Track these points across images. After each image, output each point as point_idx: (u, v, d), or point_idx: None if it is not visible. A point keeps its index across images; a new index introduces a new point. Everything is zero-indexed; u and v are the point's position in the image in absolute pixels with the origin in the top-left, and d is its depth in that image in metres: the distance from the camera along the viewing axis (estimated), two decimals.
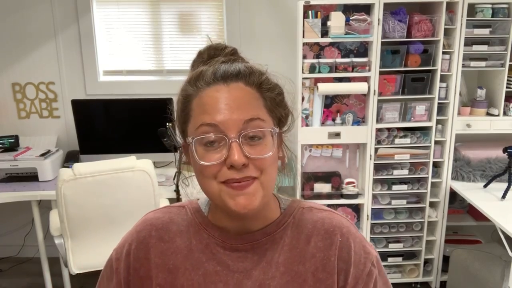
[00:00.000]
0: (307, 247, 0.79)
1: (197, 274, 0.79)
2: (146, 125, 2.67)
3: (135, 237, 0.84)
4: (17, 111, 2.92)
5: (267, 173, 0.73)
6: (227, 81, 0.73)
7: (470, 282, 2.40)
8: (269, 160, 0.73)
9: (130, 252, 0.83)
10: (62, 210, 2.01)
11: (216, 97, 0.72)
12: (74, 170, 1.97)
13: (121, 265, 0.83)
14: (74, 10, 2.78)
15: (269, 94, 0.75)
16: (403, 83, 2.46)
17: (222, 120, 0.70)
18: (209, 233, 0.81)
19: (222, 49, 0.79)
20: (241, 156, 0.69)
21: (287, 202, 0.84)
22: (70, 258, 2.10)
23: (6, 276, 2.98)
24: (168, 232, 0.83)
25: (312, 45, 2.46)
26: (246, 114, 0.71)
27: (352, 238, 0.80)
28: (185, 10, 2.85)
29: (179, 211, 0.86)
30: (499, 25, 2.41)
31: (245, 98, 0.73)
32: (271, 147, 0.72)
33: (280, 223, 0.81)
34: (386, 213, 2.65)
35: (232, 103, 0.71)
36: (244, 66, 0.75)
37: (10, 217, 3.08)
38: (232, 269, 0.78)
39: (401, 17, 2.37)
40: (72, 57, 2.85)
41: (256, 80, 0.74)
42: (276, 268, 0.78)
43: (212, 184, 0.73)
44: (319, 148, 2.60)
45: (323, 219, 0.81)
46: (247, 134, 0.71)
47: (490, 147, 2.61)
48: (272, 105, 0.76)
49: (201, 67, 0.77)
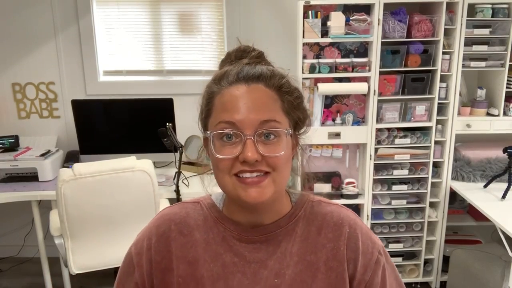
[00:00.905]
0: (318, 238, 0.84)
1: (216, 266, 0.84)
2: (146, 125, 2.68)
3: (155, 232, 0.88)
4: (17, 111, 2.92)
5: (279, 171, 0.77)
6: (248, 81, 0.78)
7: (470, 282, 2.40)
8: (282, 159, 0.77)
9: (151, 246, 0.86)
10: (62, 210, 2.01)
11: (236, 96, 0.77)
12: (74, 170, 1.97)
13: (142, 259, 0.87)
14: (74, 10, 2.78)
15: (288, 97, 0.80)
16: (403, 83, 2.46)
17: (240, 119, 0.75)
18: (225, 226, 0.85)
19: (249, 51, 0.84)
20: (254, 153, 0.74)
21: (296, 196, 0.89)
22: (70, 258, 2.10)
23: (6, 276, 2.98)
24: (187, 226, 0.87)
25: (312, 45, 2.46)
26: (263, 114, 0.75)
27: (358, 229, 0.85)
28: (185, 10, 2.85)
29: (194, 206, 0.90)
30: (499, 25, 2.41)
31: (264, 99, 0.77)
32: (284, 147, 0.77)
33: (292, 216, 0.86)
34: (386, 213, 2.65)
35: (250, 103, 0.76)
36: (266, 68, 0.80)
37: (10, 217, 3.08)
38: (248, 260, 0.83)
39: (401, 17, 2.37)
40: (72, 57, 2.85)
41: (276, 83, 0.79)
42: (290, 258, 0.83)
43: (226, 178, 0.78)
44: (319, 148, 2.60)
45: (331, 212, 0.87)
46: (262, 132, 0.75)
47: (490, 147, 2.61)
48: (290, 107, 0.80)
49: (226, 67, 0.82)
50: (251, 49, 0.85)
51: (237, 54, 0.84)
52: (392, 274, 0.87)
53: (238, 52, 0.85)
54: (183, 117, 2.82)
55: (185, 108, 2.87)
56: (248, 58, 0.83)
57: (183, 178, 2.50)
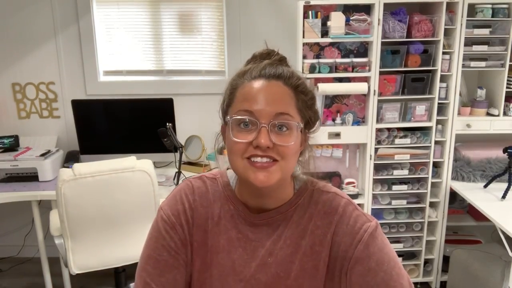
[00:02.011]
0: (309, 224, 0.93)
1: (223, 238, 0.94)
2: (146, 125, 2.68)
3: (186, 199, 0.97)
4: (17, 111, 2.92)
5: (287, 160, 0.86)
6: (269, 78, 0.87)
7: (470, 282, 2.40)
8: (291, 149, 0.86)
9: (185, 209, 0.96)
10: (62, 210, 2.01)
11: (257, 88, 0.85)
12: (74, 170, 1.97)
13: (181, 218, 0.95)
14: (74, 10, 2.78)
15: (303, 97, 0.88)
16: (403, 83, 2.46)
17: (258, 109, 0.83)
18: (235, 205, 0.96)
19: (273, 55, 0.92)
20: (267, 140, 0.83)
21: (300, 183, 0.97)
22: (70, 258, 2.10)
23: (6, 276, 2.98)
24: (206, 200, 0.97)
25: (312, 45, 2.46)
26: (279, 108, 0.84)
27: (347, 214, 0.91)
28: (185, 10, 2.85)
29: (212, 182, 0.99)
30: (499, 25, 2.41)
31: (281, 94, 0.86)
32: (294, 139, 0.86)
33: (292, 203, 0.94)
34: (386, 213, 2.65)
35: (268, 96, 0.85)
36: (287, 69, 0.89)
37: (10, 217, 3.09)
38: (250, 238, 0.94)
39: (401, 17, 2.37)
40: (72, 57, 2.85)
41: (294, 83, 0.87)
42: (284, 241, 0.93)
43: (238, 160, 0.86)
44: (319, 148, 2.60)
45: (324, 201, 0.94)
46: (275, 124, 0.84)
47: (490, 147, 2.61)
48: (303, 106, 0.88)
49: (251, 65, 0.91)
50: (276, 53, 0.93)
51: (262, 56, 0.92)
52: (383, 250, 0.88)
53: (263, 54, 0.92)
54: (183, 117, 2.83)
55: (185, 108, 2.87)
56: (271, 60, 0.91)
57: (183, 178, 2.50)
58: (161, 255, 0.94)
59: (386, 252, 0.88)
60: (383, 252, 0.87)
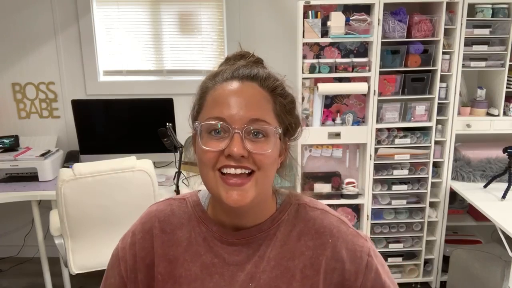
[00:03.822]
0: (297, 244, 0.82)
1: (195, 266, 0.83)
2: (146, 125, 2.67)
3: (140, 228, 0.88)
4: (17, 111, 2.92)
5: (264, 171, 0.76)
6: (242, 79, 0.78)
7: (470, 282, 2.40)
8: (269, 158, 0.76)
9: (136, 242, 0.87)
10: (62, 210, 2.01)
11: (229, 91, 0.76)
12: (74, 170, 1.97)
13: (127, 253, 0.88)
14: (74, 10, 2.78)
15: (281, 100, 0.79)
16: (403, 83, 2.46)
17: (230, 114, 0.74)
18: (208, 227, 0.85)
19: (248, 56, 0.84)
20: (240, 148, 0.73)
21: (283, 197, 0.87)
22: (70, 258, 2.10)
23: (6, 276, 2.98)
24: (170, 224, 0.87)
25: (312, 45, 2.46)
26: (254, 113, 0.75)
27: (343, 236, 0.82)
28: (185, 10, 2.85)
29: (180, 203, 0.90)
30: (499, 25, 2.41)
31: (256, 98, 0.77)
32: (272, 146, 0.76)
33: (274, 220, 0.84)
34: (386, 213, 2.65)
35: (242, 99, 0.75)
36: (263, 70, 0.80)
37: (10, 217, 3.08)
38: (227, 262, 0.82)
39: (401, 17, 2.37)
40: (72, 57, 2.85)
41: (270, 84, 0.79)
42: (267, 262, 0.81)
43: (209, 173, 0.76)
44: (319, 148, 2.60)
45: (314, 219, 0.84)
46: (251, 130, 0.74)
47: (490, 147, 2.61)
48: (282, 111, 0.79)
49: (223, 66, 0.83)
50: (251, 54, 0.85)
51: (236, 58, 0.84)
52: (386, 274, 0.84)
53: (237, 56, 0.84)
54: (183, 117, 2.82)
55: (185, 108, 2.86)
56: (246, 61, 0.82)
57: (183, 178, 2.50)
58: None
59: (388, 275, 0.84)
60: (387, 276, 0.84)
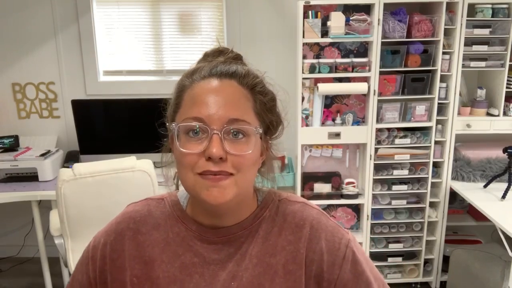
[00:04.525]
0: (278, 240, 0.81)
1: (173, 267, 0.81)
2: (146, 125, 2.67)
3: (114, 229, 0.86)
4: (17, 111, 2.92)
5: (244, 172, 0.74)
6: (221, 77, 0.75)
7: (470, 282, 2.40)
8: (248, 160, 0.74)
9: (107, 242, 0.84)
10: (62, 210, 2.01)
11: (207, 89, 0.74)
12: (74, 170, 1.97)
13: (97, 253, 0.85)
14: (74, 10, 2.78)
15: (261, 97, 0.77)
16: (403, 83, 2.46)
17: (208, 114, 0.72)
18: (187, 226, 0.82)
19: (227, 53, 0.81)
20: (220, 149, 0.71)
21: (263, 194, 0.85)
22: (70, 258, 2.10)
23: (6, 276, 2.98)
24: (146, 225, 0.84)
25: (312, 45, 2.46)
26: (233, 112, 0.72)
27: (322, 227, 0.81)
28: (185, 10, 2.85)
29: (158, 203, 0.87)
30: (499, 25, 2.41)
31: (235, 96, 0.74)
32: (252, 147, 0.74)
33: (256, 217, 0.82)
34: (386, 213, 2.65)
35: (220, 98, 0.73)
36: (242, 67, 0.77)
37: (10, 217, 3.08)
38: (208, 261, 0.80)
39: (401, 17, 2.37)
40: (72, 57, 2.85)
41: (250, 82, 0.76)
42: (249, 260, 0.79)
43: (188, 175, 0.74)
44: (319, 148, 2.60)
45: (294, 212, 0.83)
46: (230, 130, 0.72)
47: (490, 147, 2.61)
48: (262, 109, 0.77)
49: (201, 63, 0.80)
50: (229, 51, 0.82)
51: (214, 54, 0.81)
52: (368, 267, 0.82)
53: (215, 52, 0.82)
54: None
55: None
56: (224, 57, 0.80)
57: None
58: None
59: (369, 268, 0.82)
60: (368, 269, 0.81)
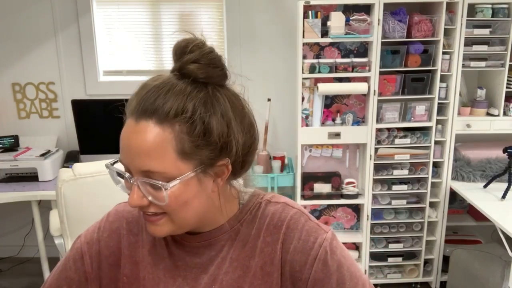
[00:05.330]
0: (257, 242, 0.79)
1: (158, 269, 0.82)
2: None
3: (108, 227, 0.87)
4: (17, 111, 2.92)
5: (176, 213, 0.72)
6: (139, 117, 0.68)
7: (470, 282, 2.40)
8: (171, 205, 0.70)
9: (101, 239, 0.86)
10: (62, 210, 2.01)
11: (125, 134, 0.70)
12: (74, 170, 1.97)
13: (92, 248, 0.85)
14: (74, 10, 2.78)
15: (191, 135, 0.67)
16: (403, 83, 2.46)
17: (127, 163, 0.70)
18: None
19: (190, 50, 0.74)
20: (136, 199, 0.70)
21: (246, 196, 0.83)
22: None
23: (6, 276, 2.98)
24: (137, 225, 0.86)
25: (312, 45, 2.46)
26: (143, 164, 0.68)
27: (298, 227, 0.78)
28: (185, 10, 2.85)
29: None
30: (499, 25, 2.41)
31: (147, 145, 0.67)
32: (165, 198, 0.68)
33: (236, 220, 0.81)
34: (386, 213, 2.65)
35: (132, 148, 0.68)
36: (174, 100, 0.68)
37: (10, 217, 3.08)
38: (190, 265, 0.81)
39: (401, 17, 2.37)
40: (72, 57, 2.85)
41: (178, 118, 0.67)
42: (230, 263, 0.79)
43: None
44: (319, 148, 2.60)
45: (273, 213, 0.80)
46: (143, 180, 0.69)
47: (490, 147, 2.61)
48: (193, 146, 0.68)
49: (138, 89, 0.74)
50: (193, 44, 0.74)
51: (181, 51, 0.74)
52: (344, 266, 0.76)
53: (178, 49, 0.75)
54: None
55: None
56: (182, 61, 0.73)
57: None
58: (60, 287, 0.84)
59: (346, 267, 0.76)
60: (343, 268, 0.76)
